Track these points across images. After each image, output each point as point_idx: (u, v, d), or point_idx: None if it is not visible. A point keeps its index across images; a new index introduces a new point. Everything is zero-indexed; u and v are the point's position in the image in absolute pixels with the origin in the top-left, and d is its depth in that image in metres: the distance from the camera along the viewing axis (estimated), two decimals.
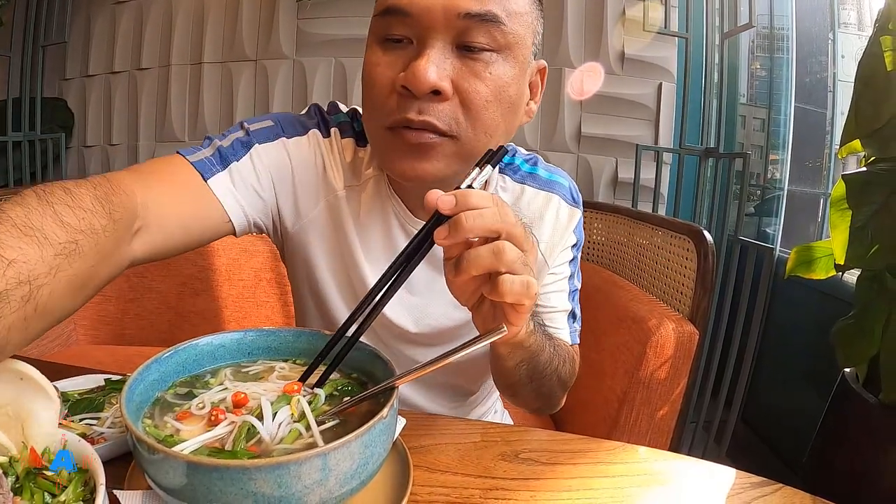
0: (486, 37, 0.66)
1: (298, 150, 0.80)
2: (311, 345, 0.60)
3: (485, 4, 0.65)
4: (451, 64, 0.66)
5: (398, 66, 0.67)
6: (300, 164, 0.80)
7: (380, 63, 0.69)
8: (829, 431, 1.51)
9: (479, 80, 0.67)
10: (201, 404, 0.51)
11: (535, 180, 0.88)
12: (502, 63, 0.68)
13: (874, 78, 1.32)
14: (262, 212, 0.79)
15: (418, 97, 0.66)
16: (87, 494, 0.45)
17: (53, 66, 2.50)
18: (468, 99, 0.67)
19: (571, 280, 0.91)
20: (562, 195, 0.89)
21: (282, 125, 0.81)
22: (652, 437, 1.06)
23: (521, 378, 0.74)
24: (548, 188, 0.88)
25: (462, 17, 0.64)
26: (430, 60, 0.64)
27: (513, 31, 0.67)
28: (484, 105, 0.68)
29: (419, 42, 0.66)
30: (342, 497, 0.43)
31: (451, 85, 0.66)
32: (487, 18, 0.65)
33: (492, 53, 0.67)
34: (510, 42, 0.68)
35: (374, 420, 0.43)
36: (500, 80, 0.68)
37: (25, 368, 0.48)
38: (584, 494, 0.58)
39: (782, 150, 2.34)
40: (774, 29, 2.27)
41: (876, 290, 1.40)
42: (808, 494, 0.58)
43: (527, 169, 0.90)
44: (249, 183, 0.77)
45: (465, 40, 0.66)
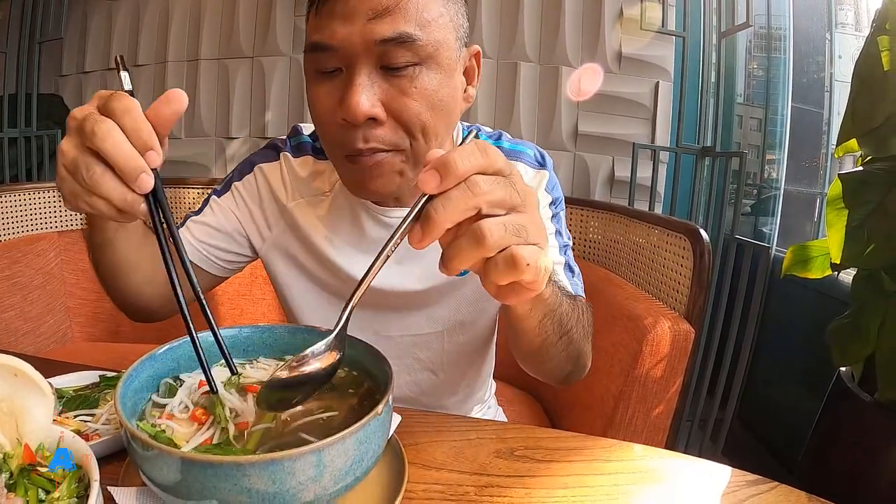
0: (406, 54, 0.70)
1: (245, 188, 0.95)
2: (307, 341, 0.59)
3: (396, 27, 0.68)
4: (379, 87, 0.71)
5: (335, 95, 0.72)
6: (250, 196, 0.95)
7: (319, 96, 0.74)
8: (824, 430, 1.51)
9: (407, 96, 0.71)
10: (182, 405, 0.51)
11: None
12: (426, 73, 0.72)
13: (871, 77, 1.32)
14: (235, 247, 0.95)
15: (358, 126, 0.71)
16: (81, 491, 0.45)
17: (49, 63, 2.49)
18: (401, 117, 0.72)
19: (558, 237, 0.92)
20: (526, 162, 0.92)
21: (235, 171, 0.97)
22: (648, 435, 1.06)
23: (549, 336, 0.71)
24: (512, 157, 0.90)
25: (378, 43, 0.68)
26: (360, 91, 0.69)
27: (430, 41, 0.71)
28: (417, 118, 0.72)
29: (348, 70, 0.71)
30: (337, 493, 0.43)
31: (383, 109, 0.71)
32: (402, 39, 0.69)
33: (415, 67, 0.71)
34: (430, 52, 0.71)
35: (369, 416, 0.42)
36: (426, 90, 0.72)
37: (20, 365, 0.48)
38: (579, 492, 0.58)
39: (779, 150, 2.34)
40: (772, 29, 2.28)
41: (872, 289, 1.40)
42: (803, 492, 0.58)
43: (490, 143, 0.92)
44: (210, 228, 0.92)
45: (387, 62, 0.70)
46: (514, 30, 2.12)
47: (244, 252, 0.96)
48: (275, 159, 0.95)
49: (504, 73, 2.15)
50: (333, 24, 0.69)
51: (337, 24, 0.69)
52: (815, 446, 1.53)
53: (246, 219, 0.95)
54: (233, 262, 0.96)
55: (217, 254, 0.93)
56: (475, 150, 0.46)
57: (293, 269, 0.95)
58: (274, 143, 0.98)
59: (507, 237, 0.46)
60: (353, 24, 0.68)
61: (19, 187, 1.72)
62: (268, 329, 0.61)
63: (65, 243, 1.81)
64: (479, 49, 0.83)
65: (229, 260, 0.95)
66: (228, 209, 0.94)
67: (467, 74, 0.82)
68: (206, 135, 2.34)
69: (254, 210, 0.95)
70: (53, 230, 1.79)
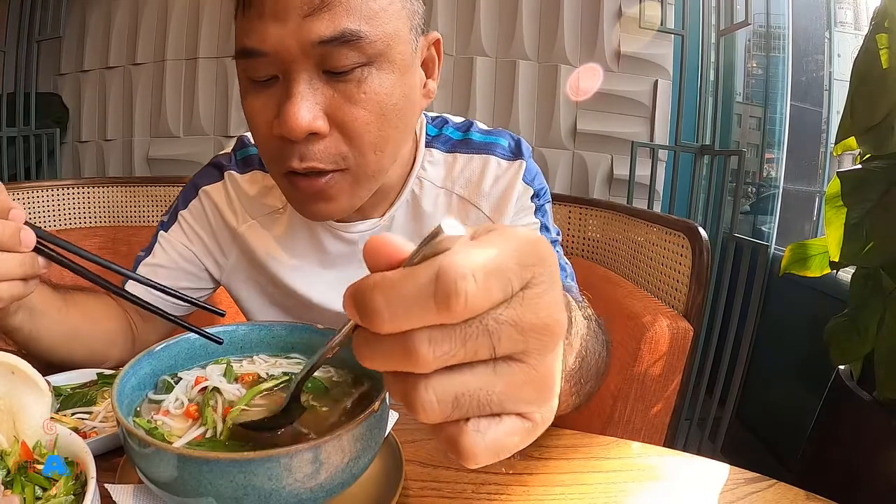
0: (351, 55, 0.60)
1: (192, 215, 0.87)
2: (305, 339, 0.60)
3: (337, 23, 0.59)
4: (321, 95, 0.61)
5: (271, 107, 0.63)
6: (199, 225, 0.87)
7: (254, 107, 0.65)
8: (823, 429, 1.51)
9: (354, 104, 0.62)
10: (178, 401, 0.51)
11: (468, 146, 0.83)
12: (377, 74, 0.62)
13: (869, 75, 1.32)
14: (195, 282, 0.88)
15: (297, 142, 0.62)
16: (78, 488, 0.45)
17: (48, 61, 2.49)
18: (347, 129, 0.63)
19: (545, 231, 0.86)
20: (499, 154, 0.83)
21: (180, 197, 0.88)
22: (646, 433, 1.06)
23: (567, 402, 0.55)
24: (483, 150, 0.83)
25: (317, 45, 0.59)
26: (299, 101, 0.60)
27: (379, 36, 0.61)
28: (365, 128, 0.63)
29: (284, 78, 0.62)
30: (334, 491, 0.43)
31: (326, 121, 0.62)
32: (345, 38, 0.59)
33: (363, 68, 0.61)
34: (380, 49, 0.62)
35: (366, 413, 0.42)
36: (377, 95, 0.63)
37: (17, 362, 0.48)
38: (577, 490, 0.58)
39: (778, 148, 2.34)
40: (771, 27, 2.28)
41: (871, 287, 1.40)
42: (801, 490, 0.58)
43: (458, 136, 0.85)
44: (164, 269, 0.85)
45: (329, 66, 0.60)
46: (513, 28, 2.12)
47: (206, 285, 0.90)
48: (218, 179, 0.86)
49: (502, 72, 2.15)
50: (264, 26, 0.59)
51: (268, 25, 0.59)
52: (813, 445, 1.53)
53: (200, 250, 0.87)
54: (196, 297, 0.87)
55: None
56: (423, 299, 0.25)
57: (255, 294, 0.89)
58: (217, 160, 0.88)
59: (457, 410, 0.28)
60: (286, 23, 0.58)
61: (18, 186, 1.72)
62: (266, 327, 0.61)
63: None
64: (438, 36, 0.73)
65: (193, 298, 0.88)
66: (179, 243, 0.86)
67: (426, 66, 0.73)
68: (205, 133, 2.34)
69: (206, 238, 0.87)
70: (52, 229, 1.78)
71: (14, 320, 0.67)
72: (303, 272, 0.84)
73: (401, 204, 0.82)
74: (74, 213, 1.81)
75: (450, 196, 0.83)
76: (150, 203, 1.72)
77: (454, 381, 0.27)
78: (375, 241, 0.28)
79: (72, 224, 1.83)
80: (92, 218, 1.72)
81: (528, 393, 0.28)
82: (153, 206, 1.72)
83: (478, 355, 0.27)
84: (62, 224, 1.81)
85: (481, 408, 0.28)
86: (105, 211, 1.72)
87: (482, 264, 0.25)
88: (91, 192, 1.72)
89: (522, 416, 0.29)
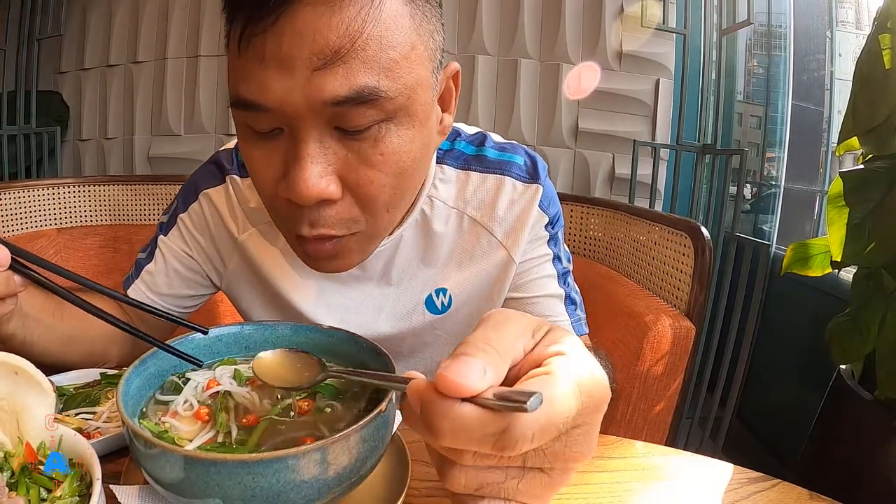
0: (368, 114, 0.53)
1: (192, 219, 0.83)
2: (310, 339, 0.59)
3: (353, 80, 0.50)
4: (333, 155, 0.54)
5: (276, 162, 0.56)
6: (198, 230, 0.83)
7: (255, 161, 0.58)
8: (824, 428, 1.51)
9: (370, 166, 0.55)
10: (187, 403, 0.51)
11: (482, 163, 0.79)
12: (395, 130, 0.55)
13: (872, 76, 1.32)
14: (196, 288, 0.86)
15: (306, 207, 0.56)
16: (83, 490, 0.45)
17: (49, 60, 2.49)
18: (361, 192, 0.56)
19: (557, 262, 0.82)
20: (515, 175, 0.78)
21: (180, 198, 0.84)
22: (648, 432, 1.06)
23: None
24: (497, 170, 0.78)
25: (330, 105, 0.51)
26: (309, 166, 0.53)
27: (400, 90, 0.54)
28: (380, 191, 0.57)
29: (291, 133, 0.54)
30: (341, 491, 0.43)
31: (338, 184, 0.55)
32: (363, 98, 0.51)
33: (380, 125, 0.54)
34: (400, 103, 0.54)
35: (373, 414, 0.42)
36: (395, 154, 0.56)
37: (20, 363, 0.47)
38: (581, 489, 0.57)
39: (779, 148, 2.35)
40: (772, 27, 2.28)
41: (872, 287, 1.40)
42: (805, 490, 0.58)
43: (471, 151, 0.80)
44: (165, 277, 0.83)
45: (342, 124, 0.53)
46: (515, 27, 2.12)
47: (206, 291, 0.88)
48: (220, 182, 0.82)
49: (504, 70, 2.15)
50: (265, 76, 0.51)
51: (270, 75, 0.51)
52: (814, 444, 1.53)
53: (199, 255, 0.84)
54: (198, 303, 0.88)
55: (177, 301, 0.85)
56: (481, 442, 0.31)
57: (255, 303, 0.86)
58: (218, 158, 0.83)
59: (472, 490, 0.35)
60: (293, 76, 0.50)
61: (19, 184, 1.71)
62: (270, 327, 0.60)
63: (64, 240, 1.80)
64: (458, 68, 0.66)
65: (193, 304, 0.88)
66: (179, 250, 0.83)
67: (443, 100, 0.65)
68: (206, 131, 2.34)
69: (205, 244, 0.84)
70: (53, 227, 1.78)
71: (7, 328, 0.65)
72: (305, 287, 0.80)
73: (410, 223, 0.77)
74: (75, 212, 1.81)
75: (461, 217, 0.79)
76: (150, 201, 1.72)
77: (485, 475, 0.34)
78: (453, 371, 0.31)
79: (72, 222, 1.83)
80: (93, 216, 1.72)
81: (540, 493, 0.35)
82: (154, 205, 1.72)
83: (510, 465, 0.34)
84: (63, 222, 1.81)
85: (498, 494, 0.34)
86: (106, 209, 1.72)
87: (544, 425, 0.31)
88: (92, 191, 1.72)
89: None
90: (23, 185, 1.72)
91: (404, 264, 0.80)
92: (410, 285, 0.81)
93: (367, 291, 0.80)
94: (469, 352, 0.33)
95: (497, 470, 0.34)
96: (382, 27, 0.51)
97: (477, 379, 0.31)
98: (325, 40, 0.49)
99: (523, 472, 0.34)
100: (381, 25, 0.51)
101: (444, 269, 0.81)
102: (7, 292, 0.51)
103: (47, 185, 1.77)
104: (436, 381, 0.31)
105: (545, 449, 0.33)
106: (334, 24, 0.49)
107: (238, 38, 0.52)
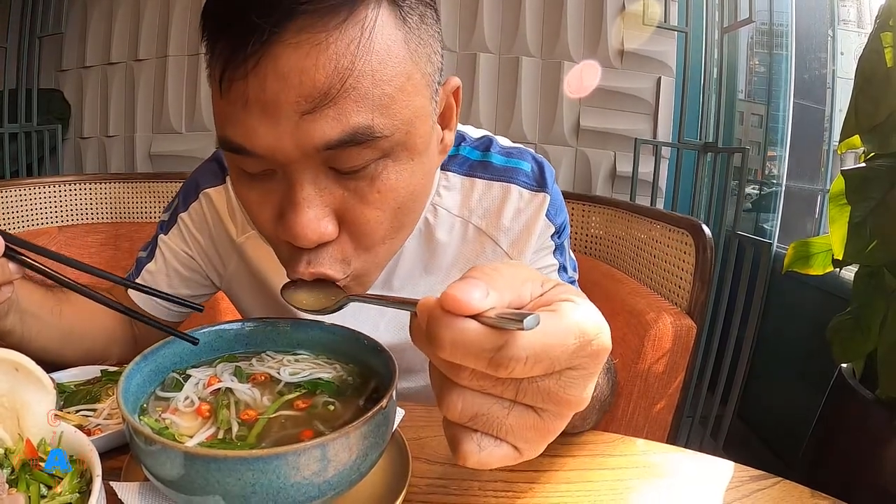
0: (364, 154, 0.50)
1: (192, 219, 0.82)
2: (312, 336, 0.59)
3: (345, 122, 0.47)
4: (329, 195, 0.52)
5: (271, 204, 0.54)
6: (198, 229, 0.83)
7: (250, 201, 0.55)
8: (825, 427, 1.51)
9: (366, 204, 0.52)
10: (188, 400, 0.51)
11: (487, 170, 0.76)
12: (393, 167, 0.52)
13: (874, 74, 1.32)
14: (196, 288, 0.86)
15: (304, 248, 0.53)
16: (83, 486, 0.45)
17: (50, 57, 2.48)
18: (357, 230, 0.54)
19: (563, 273, 0.81)
20: (522, 182, 0.75)
21: (181, 195, 0.84)
22: (649, 430, 1.06)
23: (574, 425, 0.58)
24: (504, 177, 0.76)
25: (322, 150, 0.48)
26: (306, 210, 0.50)
27: (397, 126, 0.50)
28: (377, 227, 0.55)
29: (284, 176, 0.51)
30: (341, 488, 0.43)
31: (336, 223, 0.53)
32: (357, 140, 0.48)
33: (377, 164, 0.51)
34: (398, 139, 0.51)
35: (374, 411, 0.42)
36: (392, 191, 0.53)
37: (21, 359, 0.47)
38: (582, 487, 0.57)
39: (780, 146, 2.34)
40: (774, 25, 2.27)
41: (874, 286, 1.40)
42: (807, 489, 0.58)
43: (476, 157, 0.77)
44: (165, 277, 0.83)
45: (337, 167, 0.50)
46: (516, 25, 2.11)
47: (207, 291, 0.88)
48: (220, 181, 0.81)
49: (506, 69, 2.14)
50: (250, 121, 0.47)
51: (255, 120, 0.47)
52: (815, 443, 1.52)
53: (200, 255, 0.84)
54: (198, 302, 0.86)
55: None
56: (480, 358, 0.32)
57: (254, 305, 0.85)
58: (219, 156, 0.82)
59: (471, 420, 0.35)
60: (280, 123, 0.47)
61: (20, 182, 1.71)
62: (271, 323, 0.60)
63: (65, 238, 1.80)
64: (458, 84, 0.63)
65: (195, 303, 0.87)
66: (180, 249, 0.83)
67: (444, 118, 0.62)
68: (207, 129, 2.34)
69: (205, 244, 0.83)
70: (54, 225, 1.78)
71: (4, 324, 0.65)
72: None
73: (413, 233, 0.75)
74: (76, 210, 1.81)
75: (466, 226, 0.77)
76: (152, 199, 1.72)
77: (480, 402, 0.34)
78: (458, 289, 0.32)
79: (74, 220, 1.83)
80: (94, 214, 1.72)
81: (531, 436, 0.35)
82: (155, 203, 1.72)
83: (504, 395, 0.34)
84: (64, 220, 1.81)
85: (490, 429, 0.35)
86: (107, 207, 1.72)
87: (538, 350, 0.32)
88: (93, 189, 1.72)
89: (516, 448, 0.36)
90: (24, 182, 1.72)
91: (406, 273, 0.78)
92: (412, 294, 0.79)
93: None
94: (476, 275, 0.34)
95: (491, 399, 0.34)
96: (375, 61, 0.47)
97: (479, 298, 0.32)
98: (312, 82, 0.45)
99: (514, 407, 0.34)
100: (373, 59, 0.47)
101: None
102: (2, 279, 0.51)
103: (48, 183, 1.77)
104: (441, 299, 0.32)
105: (539, 382, 0.33)
106: (322, 64, 0.45)
107: (219, 78, 0.49)
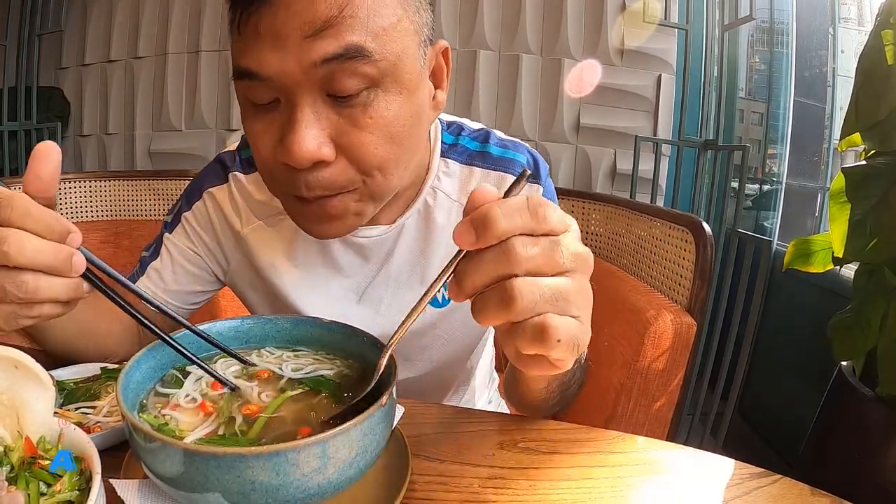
0: (356, 77, 0.57)
1: (196, 217, 0.85)
2: (310, 333, 0.59)
3: (342, 38, 0.55)
4: (326, 120, 0.59)
5: (274, 131, 0.61)
6: (202, 227, 0.85)
7: (255, 132, 0.62)
8: (825, 425, 1.51)
9: (361, 129, 0.59)
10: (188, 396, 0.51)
11: (486, 159, 0.81)
12: (383, 97, 0.60)
13: (875, 71, 1.31)
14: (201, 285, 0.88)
15: (302, 170, 0.60)
16: (82, 484, 0.45)
17: (49, 55, 2.49)
18: (354, 154, 0.60)
19: None
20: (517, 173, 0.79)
21: (185, 198, 0.87)
22: (649, 428, 1.06)
23: (552, 395, 0.67)
24: (500, 167, 0.81)
25: (321, 63, 0.55)
26: (303, 129, 0.57)
27: (387, 54, 0.58)
28: (373, 153, 0.61)
29: (287, 102, 0.59)
30: (341, 485, 0.43)
31: (332, 147, 0.59)
32: (351, 55, 0.55)
33: (369, 91, 0.59)
34: (387, 68, 0.58)
35: (373, 408, 0.42)
36: (383, 119, 0.60)
37: (21, 357, 0.47)
38: (583, 484, 0.57)
39: (781, 144, 2.34)
40: (774, 23, 2.27)
41: (874, 283, 1.40)
42: (807, 486, 0.58)
43: (475, 147, 0.82)
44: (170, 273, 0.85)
45: (334, 90, 0.57)
46: (517, 22, 2.11)
47: (212, 287, 0.90)
48: (223, 181, 0.84)
49: (506, 66, 2.14)
50: (261, 49, 0.56)
51: (265, 47, 0.56)
52: (815, 440, 1.53)
53: (204, 252, 0.86)
54: (204, 298, 0.90)
55: (184, 297, 0.87)
56: (522, 209, 0.40)
57: (256, 297, 0.88)
58: (222, 158, 0.86)
59: (540, 304, 0.40)
60: (286, 46, 0.55)
61: (19, 181, 1.71)
62: (270, 320, 0.60)
63: None
64: (446, 45, 0.70)
65: (199, 301, 0.89)
66: (184, 247, 0.85)
67: (434, 77, 0.70)
68: (207, 127, 2.33)
69: (208, 241, 0.86)
70: None
71: None
72: (306, 283, 0.81)
73: (413, 212, 0.79)
74: (76, 207, 1.81)
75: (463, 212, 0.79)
76: (152, 197, 1.72)
77: (536, 282, 0.40)
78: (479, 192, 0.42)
79: (74, 218, 1.83)
80: (94, 212, 1.71)
81: (578, 299, 0.42)
82: (155, 200, 1.72)
83: (549, 265, 0.41)
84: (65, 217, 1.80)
85: (553, 305, 0.40)
86: (107, 205, 1.72)
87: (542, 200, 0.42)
88: (93, 186, 1.71)
89: (577, 318, 0.42)
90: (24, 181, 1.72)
91: (405, 254, 0.81)
92: (411, 276, 0.82)
93: (368, 281, 0.81)
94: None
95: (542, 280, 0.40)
96: None
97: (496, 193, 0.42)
98: (315, 11, 0.54)
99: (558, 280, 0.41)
100: None
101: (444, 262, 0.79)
102: (75, 297, 0.52)
103: None
104: (471, 197, 0.42)
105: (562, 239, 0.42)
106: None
107: (238, 21, 0.57)
